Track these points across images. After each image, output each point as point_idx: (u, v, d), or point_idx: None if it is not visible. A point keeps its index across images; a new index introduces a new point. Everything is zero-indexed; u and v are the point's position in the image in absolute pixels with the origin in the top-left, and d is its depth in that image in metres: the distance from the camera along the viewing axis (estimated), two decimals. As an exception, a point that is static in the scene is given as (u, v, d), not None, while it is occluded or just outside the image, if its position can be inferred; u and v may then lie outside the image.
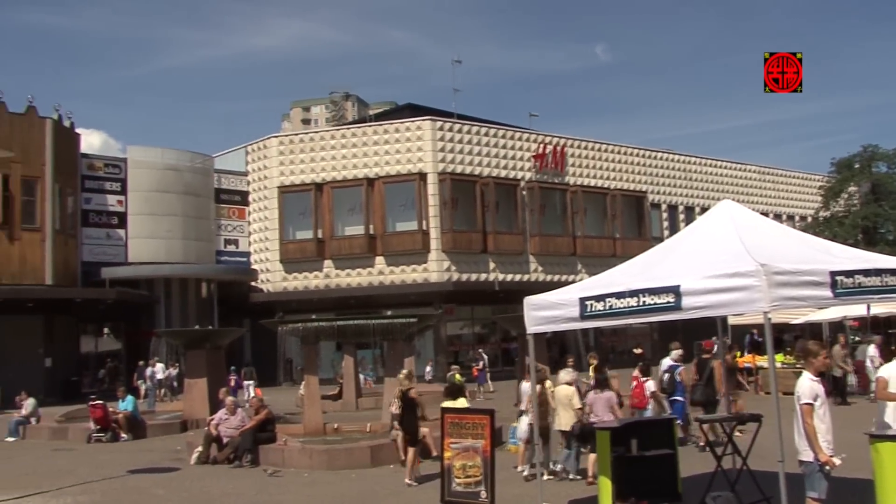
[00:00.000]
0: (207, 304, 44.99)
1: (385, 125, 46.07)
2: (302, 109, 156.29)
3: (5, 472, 16.14)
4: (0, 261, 36.46)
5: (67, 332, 41.47)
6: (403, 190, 44.17)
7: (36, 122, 38.79)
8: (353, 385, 29.83)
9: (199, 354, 25.38)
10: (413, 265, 43.78)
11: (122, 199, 43.54)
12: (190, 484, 14.44)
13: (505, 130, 47.42)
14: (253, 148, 47.89)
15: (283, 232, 45.49)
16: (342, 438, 18.27)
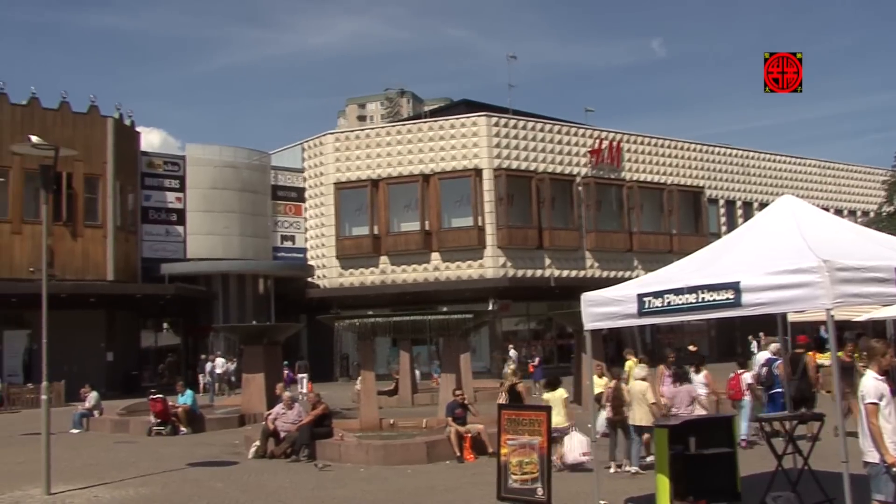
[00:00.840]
0: (264, 300, 45.40)
1: (440, 121, 46.11)
2: (357, 106, 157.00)
3: (70, 463, 16.41)
4: (64, 257, 37.10)
5: (128, 326, 42.16)
6: (459, 186, 44.17)
7: (98, 121, 39.49)
8: (409, 381, 29.90)
9: (256, 350, 25.63)
10: (468, 261, 43.76)
11: (180, 196, 44.11)
12: (248, 478, 14.56)
13: (560, 126, 47.19)
14: (309, 145, 48.21)
15: (339, 228, 45.73)
16: (398, 434, 18.30)
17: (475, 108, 47.75)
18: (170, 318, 45.81)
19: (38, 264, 33.56)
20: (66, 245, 37.59)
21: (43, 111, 38.03)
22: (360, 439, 16.86)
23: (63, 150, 14.42)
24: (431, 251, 44.25)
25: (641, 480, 12.43)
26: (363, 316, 21.42)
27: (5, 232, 36.76)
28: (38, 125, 35.04)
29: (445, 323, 19.80)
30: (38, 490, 13.32)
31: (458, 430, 15.70)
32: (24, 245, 36.72)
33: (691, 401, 13.25)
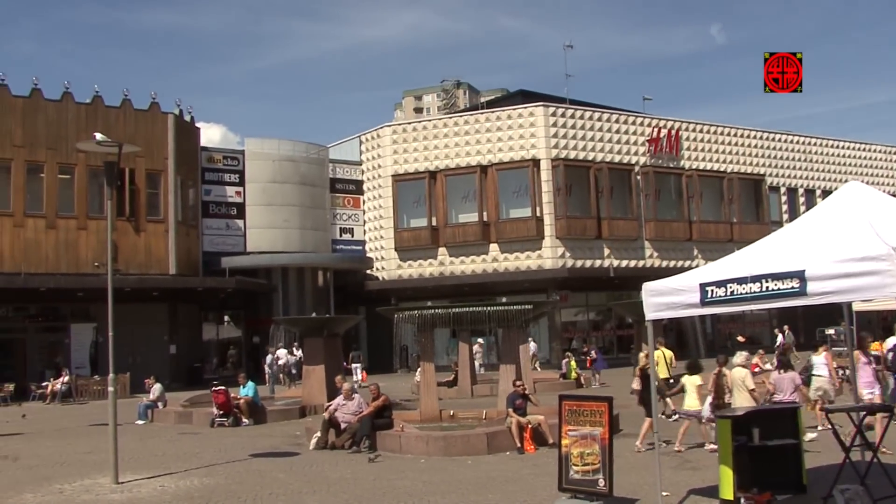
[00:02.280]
0: (324, 293, 45.74)
1: (497, 112, 46.03)
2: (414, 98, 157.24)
3: (136, 454, 16.69)
4: (127, 252, 37.75)
5: (190, 319, 42.78)
6: (517, 176, 44.08)
7: (159, 117, 40.10)
8: (469, 372, 29.93)
9: (316, 342, 25.80)
10: (527, 252, 43.67)
11: (240, 190, 44.60)
12: (309, 468, 14.68)
13: (618, 115, 46.86)
14: (367, 137, 48.42)
15: (397, 220, 45.90)
16: (458, 425, 18.32)
17: (532, 98, 47.58)
18: (231, 311, 46.40)
19: (103, 259, 34.40)
20: (129, 240, 38.24)
21: (106, 109, 38.72)
22: (421, 430, 16.91)
23: (126, 146, 14.63)
24: (490, 242, 44.24)
25: (704, 472, 12.32)
26: (423, 307, 21.41)
27: (71, 228, 37.50)
28: (101, 123, 35.73)
29: (505, 314, 19.72)
30: (106, 479, 13.57)
31: (518, 421, 15.68)
32: (90, 240, 37.44)
33: (795, 388, 13.38)
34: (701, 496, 10.83)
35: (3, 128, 36.65)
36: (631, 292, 40.93)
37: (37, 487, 13.42)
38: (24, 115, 37.15)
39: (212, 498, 12.13)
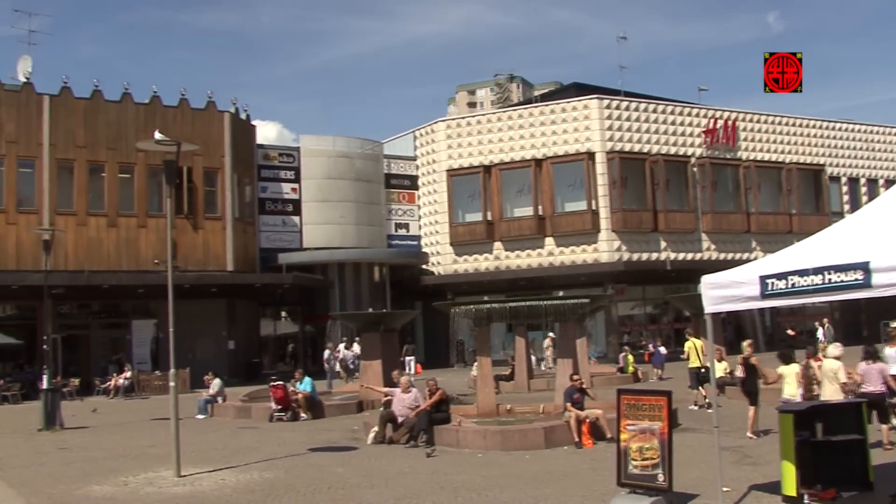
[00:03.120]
0: (380, 288, 45.93)
1: (551, 105, 45.82)
2: (467, 93, 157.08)
3: (197, 448, 16.93)
4: (186, 249, 38.25)
5: (248, 315, 43.25)
6: (572, 170, 43.87)
7: (215, 116, 40.59)
8: (525, 366, 29.89)
9: (373, 337, 25.94)
10: (583, 245, 43.46)
11: (296, 186, 44.92)
12: (367, 463, 14.76)
13: (673, 106, 46.39)
14: (421, 133, 48.49)
15: (452, 215, 45.92)
16: (515, 419, 18.30)
17: (586, 90, 47.28)
18: (288, 307, 46.80)
19: (163, 256, 34.84)
20: (187, 237, 38.75)
21: (164, 109, 39.29)
22: (478, 425, 16.92)
23: (184, 144, 14.82)
24: (545, 236, 44.09)
25: (765, 467, 12.17)
26: (479, 302, 21.40)
27: (132, 226, 38.11)
28: (159, 122, 36.23)
29: (561, 308, 19.63)
30: (169, 472, 13.79)
31: (577, 416, 15.63)
32: (149, 238, 38.02)
33: (883, 379, 13.25)
34: (762, 492, 10.70)
35: (66, 129, 37.36)
36: (688, 285, 40.44)
37: (103, 479, 13.69)
38: (86, 117, 37.84)
39: (272, 491, 12.25)
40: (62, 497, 12.42)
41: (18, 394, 32.58)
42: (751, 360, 16.04)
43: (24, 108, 36.91)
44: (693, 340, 22.39)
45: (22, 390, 32.81)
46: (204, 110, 40.45)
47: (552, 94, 59.91)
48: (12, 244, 35.81)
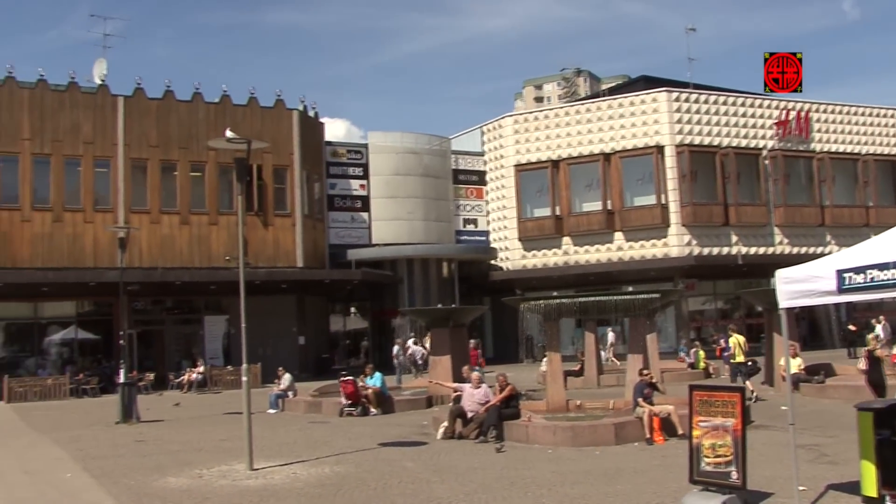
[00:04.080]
0: (448, 284, 46.01)
1: (619, 99, 45.47)
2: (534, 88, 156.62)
3: (269, 442, 17.12)
4: (256, 246, 38.74)
5: (318, 311, 43.66)
6: (641, 164, 43.52)
7: (284, 114, 41.04)
8: (595, 362, 29.72)
9: (442, 332, 26.01)
10: (652, 240, 43.08)
11: (364, 183, 45.21)
12: (437, 458, 14.79)
13: (744, 98, 45.68)
14: (488, 128, 48.46)
15: (520, 210, 45.84)
16: (585, 415, 18.20)
17: (654, 83, 46.79)
18: (357, 303, 47.12)
19: (234, 253, 35.41)
20: (258, 234, 39.24)
21: (233, 107, 39.87)
22: (548, 420, 16.86)
23: (255, 142, 14.99)
24: (614, 231, 43.82)
25: (843, 466, 11.93)
26: (549, 297, 21.33)
27: (203, 223, 38.72)
28: (229, 121, 36.72)
29: (631, 303, 19.48)
30: (241, 465, 13.98)
31: (649, 411, 15.48)
32: (220, 235, 38.59)
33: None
34: (841, 492, 10.47)
35: (140, 129, 38.10)
36: (760, 280, 40.02)
37: (178, 472, 13.94)
38: (159, 117, 38.54)
39: (342, 485, 12.35)
40: (140, 488, 12.67)
41: (97, 387, 33.36)
42: (875, 351, 16.32)
43: (99, 110, 37.73)
44: (736, 336, 22.93)
45: (100, 384, 33.59)
46: (273, 108, 40.93)
47: (620, 88, 59.45)
48: (89, 242, 36.64)
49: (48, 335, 38.20)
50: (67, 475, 14.28)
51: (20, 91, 36.54)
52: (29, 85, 36.85)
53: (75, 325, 38.46)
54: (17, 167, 36.13)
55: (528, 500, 11.07)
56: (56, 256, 36.08)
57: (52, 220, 36.42)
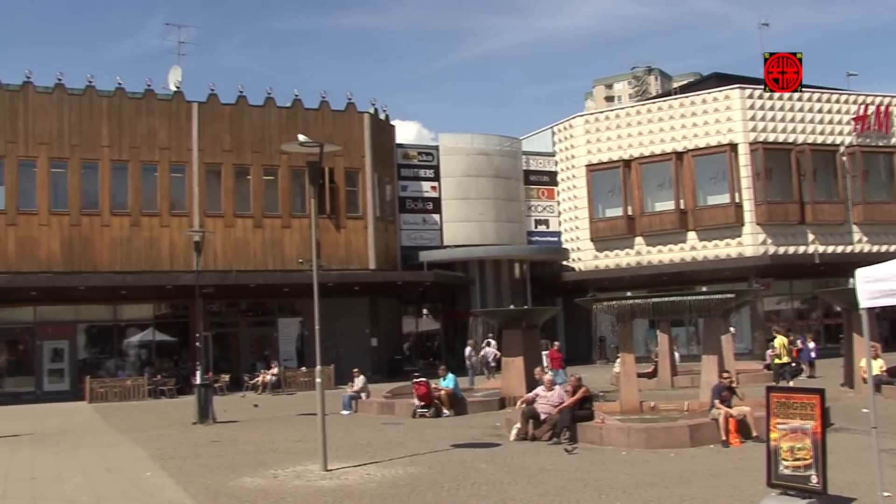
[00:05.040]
0: (520, 285, 45.92)
1: (692, 97, 44.94)
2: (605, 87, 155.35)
3: (343, 443, 17.24)
4: (329, 248, 39.08)
5: (390, 313, 43.86)
6: (714, 162, 42.97)
7: (355, 117, 41.37)
8: (669, 363, 29.39)
9: (515, 333, 25.93)
10: (726, 239, 42.50)
11: (435, 185, 45.38)
12: (510, 459, 14.75)
13: (820, 93, 44.75)
14: (559, 128, 48.29)
15: (592, 210, 45.62)
16: (659, 417, 18.01)
17: (727, 80, 46.10)
18: (429, 304, 47.25)
19: (307, 256, 35.79)
20: (330, 236, 39.60)
21: (305, 111, 40.35)
22: (622, 422, 16.72)
23: (327, 145, 15.11)
24: (687, 230, 43.36)
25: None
26: (622, 298, 21.14)
27: (276, 226, 39.20)
28: (301, 125, 37.12)
29: (706, 303, 19.20)
30: (316, 466, 14.09)
31: (725, 413, 15.24)
32: (293, 238, 39.03)
33: None
34: (927, 496, 10.20)
35: (214, 134, 38.76)
36: (838, 279, 39.17)
37: (253, 472, 14.11)
38: (232, 122, 39.16)
39: (416, 486, 12.38)
40: (216, 487, 12.85)
41: (174, 388, 33.98)
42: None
43: (174, 117, 38.47)
44: (780, 337, 23.20)
45: (177, 385, 34.23)
46: (344, 112, 41.29)
47: (692, 86, 58.63)
48: (166, 246, 37.35)
49: (127, 337, 39.06)
50: (147, 474, 14.56)
51: (99, 100, 37.42)
52: (107, 93, 37.74)
53: (153, 327, 39.26)
54: (97, 174, 37.04)
55: (602, 502, 10.98)
56: (134, 260, 36.89)
57: (130, 224, 37.23)
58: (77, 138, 36.78)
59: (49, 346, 37.06)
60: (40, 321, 37.19)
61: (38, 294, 35.24)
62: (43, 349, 36.84)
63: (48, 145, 36.36)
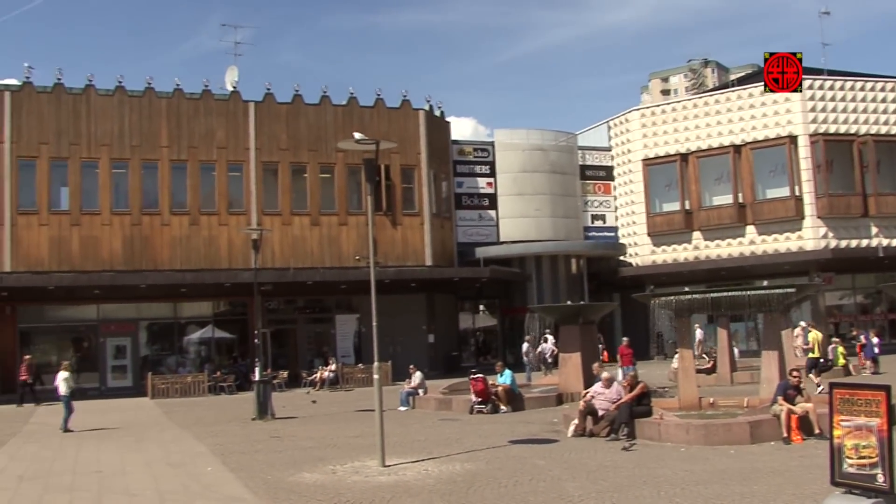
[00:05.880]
0: (577, 280, 45.72)
1: (749, 89, 44.31)
2: (660, 80, 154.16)
3: (401, 439, 17.33)
4: (385, 245, 39.26)
5: (447, 309, 43.95)
6: (773, 155, 42.38)
7: (410, 114, 41.50)
8: (728, 358, 29.07)
9: (572, 329, 25.83)
10: (786, 233, 41.88)
11: (491, 181, 45.34)
12: (568, 455, 14.70)
13: (884, 83, 43.88)
14: (615, 122, 47.99)
15: (648, 205, 45.29)
16: (719, 413, 17.81)
17: (787, 71, 45.30)
18: (485, 300, 47.25)
19: (364, 253, 36.04)
20: (386, 233, 39.77)
21: (360, 109, 40.56)
22: (680, 418, 16.58)
23: (383, 143, 15.17)
24: (746, 224, 42.83)
25: None
26: (680, 293, 20.95)
27: (333, 224, 39.47)
28: (356, 123, 37.44)
29: (766, 298, 18.92)
30: (374, 462, 14.16)
31: (788, 410, 15.03)
32: (350, 235, 39.28)
33: None
34: None
35: (270, 133, 39.13)
36: (904, 272, 38.45)
37: (312, 467, 14.23)
38: (288, 121, 39.50)
39: (474, 483, 12.38)
40: (276, 482, 12.98)
41: (233, 385, 34.37)
42: None
43: (231, 116, 38.91)
44: (815, 332, 23.79)
45: (236, 381, 34.61)
46: (399, 109, 41.44)
47: (749, 77, 57.93)
48: (224, 244, 37.80)
49: (187, 334, 39.66)
50: (208, 469, 14.76)
51: (158, 101, 37.98)
52: (166, 95, 38.30)
53: (212, 324, 39.79)
54: (157, 174, 37.62)
55: (661, 499, 10.89)
56: (193, 258, 37.40)
57: (189, 223, 37.74)
58: (137, 139, 37.39)
59: (112, 343, 37.81)
60: (103, 319, 37.95)
61: (101, 292, 35.92)
62: (106, 346, 37.59)
63: (109, 146, 37.00)
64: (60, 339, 38.11)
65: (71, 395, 22.46)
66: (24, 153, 36.07)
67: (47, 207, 36.29)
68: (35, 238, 35.92)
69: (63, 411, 22.21)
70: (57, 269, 35.48)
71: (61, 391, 22.38)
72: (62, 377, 22.58)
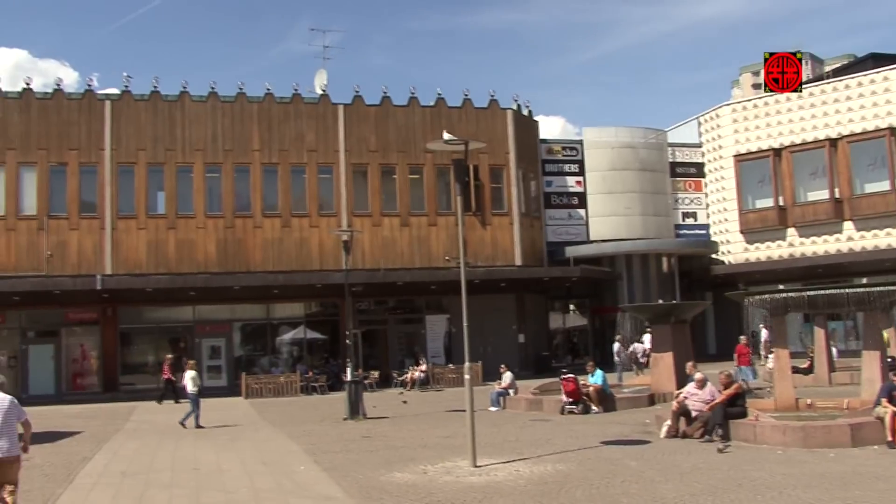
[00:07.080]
0: (668, 279, 45.16)
1: (846, 80, 43.09)
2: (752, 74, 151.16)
3: (491, 439, 17.32)
4: (475, 245, 39.31)
5: (537, 309, 43.82)
6: (871, 148, 41.16)
7: (498, 113, 41.49)
8: (826, 358, 28.33)
9: (664, 329, 25.53)
10: (887, 228, 40.65)
11: (580, 179, 45.07)
12: (661, 457, 14.52)
13: None
14: (705, 118, 47.23)
15: (741, 201, 44.45)
16: (817, 415, 17.37)
17: (884, 61, 43.95)
18: (576, 300, 46.98)
19: (453, 253, 36.10)
20: (476, 233, 39.82)
21: (448, 110, 40.71)
22: (777, 420, 16.22)
23: (472, 143, 15.19)
24: (843, 220, 41.67)
25: None
26: (775, 291, 20.49)
27: (423, 225, 39.67)
28: (444, 124, 37.57)
29: (866, 296, 18.38)
30: (465, 462, 14.18)
31: (893, 412, 14.56)
32: (440, 236, 39.42)
33: None
34: None
35: (360, 135, 39.53)
36: None
37: (403, 467, 14.32)
38: (377, 123, 39.85)
39: (565, 484, 12.31)
40: (368, 482, 13.09)
41: (325, 385, 34.77)
42: None
43: (321, 119, 39.41)
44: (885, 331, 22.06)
45: (328, 381, 35.01)
46: (487, 109, 41.45)
47: (846, 69, 56.37)
48: (315, 246, 38.29)
49: (279, 335, 40.27)
50: (301, 468, 14.96)
51: (250, 105, 38.70)
52: (257, 99, 38.99)
53: (304, 325, 40.30)
54: (249, 177, 38.32)
55: (756, 503, 10.67)
56: (285, 260, 37.96)
57: (281, 225, 38.34)
58: (230, 143, 38.15)
59: (207, 343, 38.62)
60: (198, 320, 38.79)
61: (196, 294, 36.74)
62: (202, 346, 38.38)
63: (203, 151, 37.85)
64: (158, 339, 39.04)
65: (199, 393, 23.10)
66: (124, 159, 37.14)
67: (145, 212, 37.31)
68: (133, 242, 36.94)
69: (189, 408, 22.92)
70: (154, 272, 36.45)
71: (189, 389, 23.09)
72: (189, 376, 23.34)
